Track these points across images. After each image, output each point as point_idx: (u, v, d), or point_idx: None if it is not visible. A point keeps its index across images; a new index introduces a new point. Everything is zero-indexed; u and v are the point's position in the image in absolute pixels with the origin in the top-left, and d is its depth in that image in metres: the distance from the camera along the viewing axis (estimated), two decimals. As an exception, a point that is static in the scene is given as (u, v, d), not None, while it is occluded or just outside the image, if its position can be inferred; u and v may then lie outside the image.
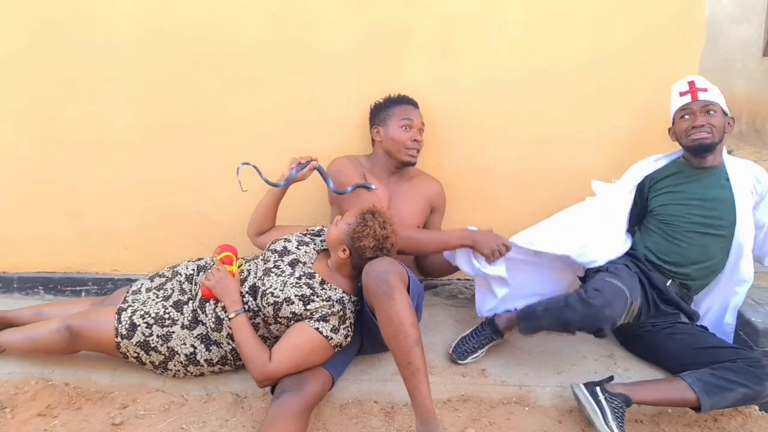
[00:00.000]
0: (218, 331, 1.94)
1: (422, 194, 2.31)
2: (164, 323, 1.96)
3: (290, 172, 2.10)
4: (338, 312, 1.85)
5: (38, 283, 2.65)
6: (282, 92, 2.42)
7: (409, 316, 1.68)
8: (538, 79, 2.36)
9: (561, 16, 2.31)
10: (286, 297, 1.84)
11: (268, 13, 2.36)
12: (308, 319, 1.83)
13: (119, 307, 2.00)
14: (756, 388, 1.78)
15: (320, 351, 1.83)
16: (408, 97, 2.29)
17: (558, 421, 1.88)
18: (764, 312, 2.04)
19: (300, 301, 1.84)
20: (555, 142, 2.41)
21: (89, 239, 2.62)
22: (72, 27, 2.41)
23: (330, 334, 1.83)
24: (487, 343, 2.14)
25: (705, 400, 1.78)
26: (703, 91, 2.06)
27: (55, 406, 1.94)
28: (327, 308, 1.84)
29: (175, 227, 2.58)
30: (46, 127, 2.52)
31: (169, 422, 1.86)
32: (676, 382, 1.84)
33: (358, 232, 1.86)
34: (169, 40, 2.40)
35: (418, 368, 1.66)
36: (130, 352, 1.97)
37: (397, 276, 1.73)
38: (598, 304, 1.84)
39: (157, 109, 2.46)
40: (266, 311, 1.88)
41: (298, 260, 1.97)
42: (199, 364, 1.98)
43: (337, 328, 1.85)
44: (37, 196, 2.59)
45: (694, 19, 2.28)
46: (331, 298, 1.87)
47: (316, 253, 2.04)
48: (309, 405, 1.74)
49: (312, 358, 1.82)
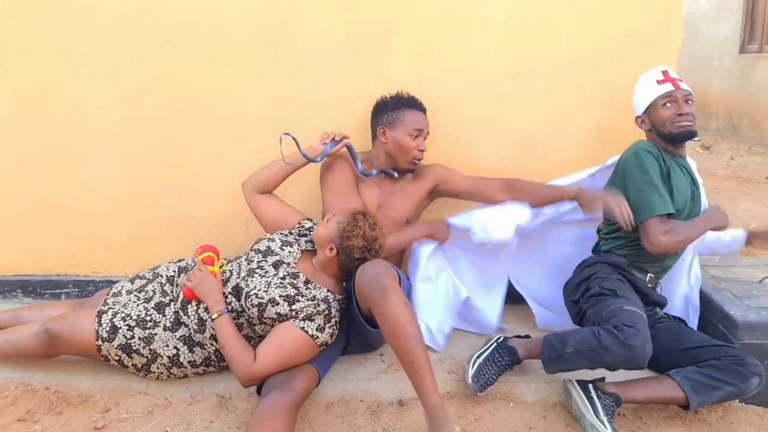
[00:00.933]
0: (201, 332, 1.93)
1: (417, 186, 2.29)
2: (146, 325, 1.94)
3: (323, 147, 2.14)
4: (324, 311, 1.85)
5: (17, 285, 2.61)
6: (266, 91, 2.41)
7: (406, 315, 1.69)
8: (520, 77, 2.37)
9: (543, 16, 2.33)
10: (270, 298, 1.84)
11: (252, 11, 2.34)
12: (293, 319, 1.83)
13: (99, 309, 1.98)
14: (741, 386, 1.81)
15: (306, 350, 1.83)
16: (418, 101, 2.26)
17: (542, 417, 1.90)
18: (743, 305, 2.07)
19: (285, 301, 1.83)
20: (539, 140, 2.43)
21: (70, 241, 2.58)
22: (54, 26, 2.37)
23: (316, 333, 1.83)
24: (505, 370, 1.98)
25: (693, 398, 1.80)
26: (679, 80, 2.08)
27: (36, 410, 1.90)
28: (312, 307, 1.84)
29: (158, 228, 2.55)
30: (26, 127, 2.47)
31: (153, 425, 1.84)
32: (666, 381, 1.85)
33: (348, 232, 1.87)
34: (153, 40, 2.37)
35: (422, 365, 1.67)
36: (111, 355, 1.95)
37: (390, 277, 1.75)
38: (638, 345, 1.72)
39: (139, 109, 2.44)
40: (251, 312, 1.87)
41: (281, 261, 1.96)
42: (183, 366, 1.97)
43: (323, 327, 1.85)
44: (17, 197, 2.54)
45: (672, 18, 2.32)
46: (316, 297, 1.86)
47: (301, 252, 2.03)
48: (297, 402, 1.74)
49: (297, 358, 1.82)
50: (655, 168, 1.98)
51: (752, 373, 1.81)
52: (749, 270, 2.43)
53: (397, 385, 1.98)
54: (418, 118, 2.22)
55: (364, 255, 1.88)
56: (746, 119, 6.85)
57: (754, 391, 1.83)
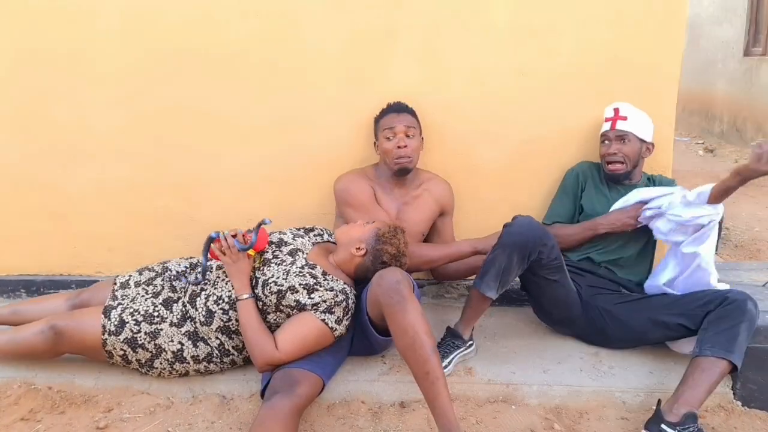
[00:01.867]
0: (208, 324, 1.94)
1: (431, 199, 2.31)
2: (153, 320, 1.96)
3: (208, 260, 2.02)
4: (342, 302, 1.88)
5: (20, 285, 2.62)
6: (267, 92, 2.41)
7: (423, 325, 1.70)
8: (523, 79, 2.37)
9: (545, 18, 2.33)
10: (290, 285, 1.87)
11: (253, 14, 2.35)
12: (314, 311, 1.86)
13: (108, 304, 1.99)
14: (747, 317, 1.87)
15: (323, 341, 1.87)
16: (395, 103, 2.27)
17: (544, 419, 1.89)
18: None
19: (304, 289, 1.86)
20: (541, 141, 2.43)
21: (73, 241, 2.59)
22: (54, 28, 2.38)
23: (335, 325, 1.86)
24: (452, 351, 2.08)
25: (734, 357, 1.83)
26: (622, 120, 2.20)
27: (39, 410, 1.91)
28: (331, 299, 1.86)
29: (160, 228, 2.56)
30: (28, 128, 2.48)
31: (155, 425, 1.84)
32: (703, 363, 1.84)
33: (386, 237, 1.95)
34: (153, 40, 2.38)
35: (437, 377, 1.65)
36: (116, 349, 1.95)
37: (409, 286, 1.77)
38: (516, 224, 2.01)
39: (141, 110, 2.44)
40: (268, 300, 1.90)
41: (297, 249, 2.00)
42: (186, 362, 1.97)
43: (341, 320, 1.88)
44: (20, 198, 2.55)
45: (676, 20, 2.31)
46: (335, 289, 1.89)
47: (312, 245, 2.06)
48: (299, 408, 1.74)
49: (315, 348, 1.87)
50: (569, 181, 2.35)
51: (741, 300, 1.89)
52: (753, 273, 2.43)
53: (398, 387, 1.98)
54: (389, 118, 2.23)
55: (391, 262, 1.94)
56: (750, 122, 6.82)
57: (757, 313, 1.90)
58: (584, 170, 2.35)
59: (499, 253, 1.98)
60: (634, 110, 2.23)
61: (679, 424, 1.75)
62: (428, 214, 2.30)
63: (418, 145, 2.25)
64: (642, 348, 2.18)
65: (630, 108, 2.23)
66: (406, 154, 2.19)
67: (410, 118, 2.24)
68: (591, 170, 2.35)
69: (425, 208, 2.29)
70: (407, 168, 2.22)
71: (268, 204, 2.23)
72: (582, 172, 2.34)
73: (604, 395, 1.97)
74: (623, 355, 2.16)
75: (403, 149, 2.18)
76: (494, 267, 1.98)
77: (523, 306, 2.47)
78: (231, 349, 1.97)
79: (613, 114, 2.24)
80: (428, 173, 2.37)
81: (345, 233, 2.01)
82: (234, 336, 1.96)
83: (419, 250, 2.18)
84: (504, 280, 1.99)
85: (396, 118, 2.22)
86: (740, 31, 7.10)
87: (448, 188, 2.36)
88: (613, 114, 2.24)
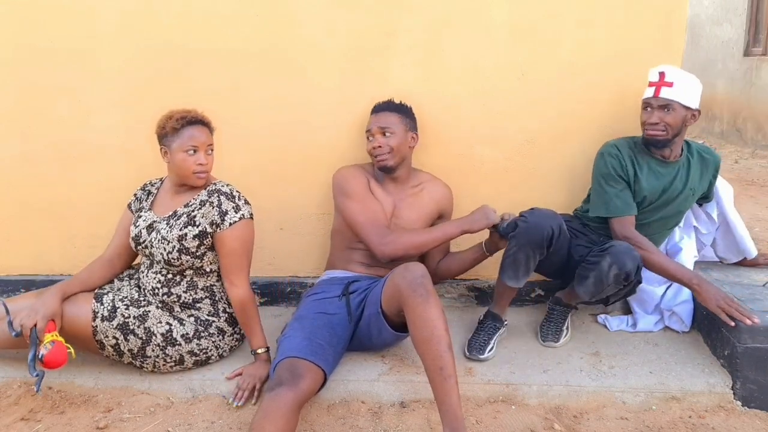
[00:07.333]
0: (162, 309, 2.03)
1: (429, 200, 2.30)
2: (140, 304, 2.00)
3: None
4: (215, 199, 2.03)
5: (20, 285, 2.62)
6: (267, 92, 2.41)
7: (443, 321, 1.73)
8: (523, 79, 2.37)
9: (545, 17, 2.33)
10: (175, 236, 1.97)
11: (253, 13, 2.35)
12: (217, 227, 1.97)
13: (97, 292, 2.01)
14: (598, 268, 2.00)
15: (252, 233, 2.05)
16: (378, 103, 2.26)
17: (544, 419, 1.90)
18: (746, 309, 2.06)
19: (186, 227, 1.98)
20: (541, 141, 2.43)
21: (73, 241, 2.59)
22: (54, 28, 2.38)
23: (244, 212, 2.01)
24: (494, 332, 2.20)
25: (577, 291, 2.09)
26: (667, 86, 2.07)
27: (39, 410, 1.92)
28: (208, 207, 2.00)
29: (159, 228, 2.55)
30: (28, 129, 2.48)
31: (155, 425, 1.84)
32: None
33: None
34: (153, 40, 2.38)
35: (450, 374, 1.67)
36: (108, 338, 1.94)
37: (430, 281, 1.80)
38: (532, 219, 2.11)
39: (141, 111, 2.43)
40: (179, 262, 1.99)
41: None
42: (177, 343, 1.98)
43: (238, 207, 2.01)
44: (20, 197, 2.55)
45: (676, 20, 2.31)
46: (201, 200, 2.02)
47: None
48: (302, 401, 1.74)
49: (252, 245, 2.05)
50: (616, 167, 2.18)
51: (605, 253, 1.99)
52: (753, 273, 2.42)
53: (398, 387, 1.98)
54: (370, 119, 2.24)
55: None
56: (750, 122, 6.82)
57: (609, 273, 1.98)
58: (621, 152, 2.18)
59: (516, 250, 2.07)
60: (682, 74, 2.07)
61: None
62: (425, 214, 2.28)
63: (399, 142, 2.20)
64: (642, 348, 2.18)
65: (677, 72, 2.07)
66: (381, 152, 2.18)
67: (389, 117, 2.20)
68: (629, 149, 2.19)
69: (422, 208, 2.28)
70: (387, 165, 2.20)
71: (267, 203, 2.23)
72: (619, 156, 2.18)
73: (603, 395, 1.98)
74: (623, 355, 2.16)
75: (378, 148, 2.18)
76: (514, 262, 2.08)
77: (524, 306, 2.47)
78: (208, 316, 2.05)
79: (658, 78, 2.07)
80: (429, 175, 2.36)
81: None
82: (193, 307, 2.05)
83: (406, 234, 2.14)
84: (525, 269, 2.10)
85: (373, 118, 2.23)
86: (740, 31, 7.10)
87: (448, 192, 2.36)
88: (657, 78, 2.07)
